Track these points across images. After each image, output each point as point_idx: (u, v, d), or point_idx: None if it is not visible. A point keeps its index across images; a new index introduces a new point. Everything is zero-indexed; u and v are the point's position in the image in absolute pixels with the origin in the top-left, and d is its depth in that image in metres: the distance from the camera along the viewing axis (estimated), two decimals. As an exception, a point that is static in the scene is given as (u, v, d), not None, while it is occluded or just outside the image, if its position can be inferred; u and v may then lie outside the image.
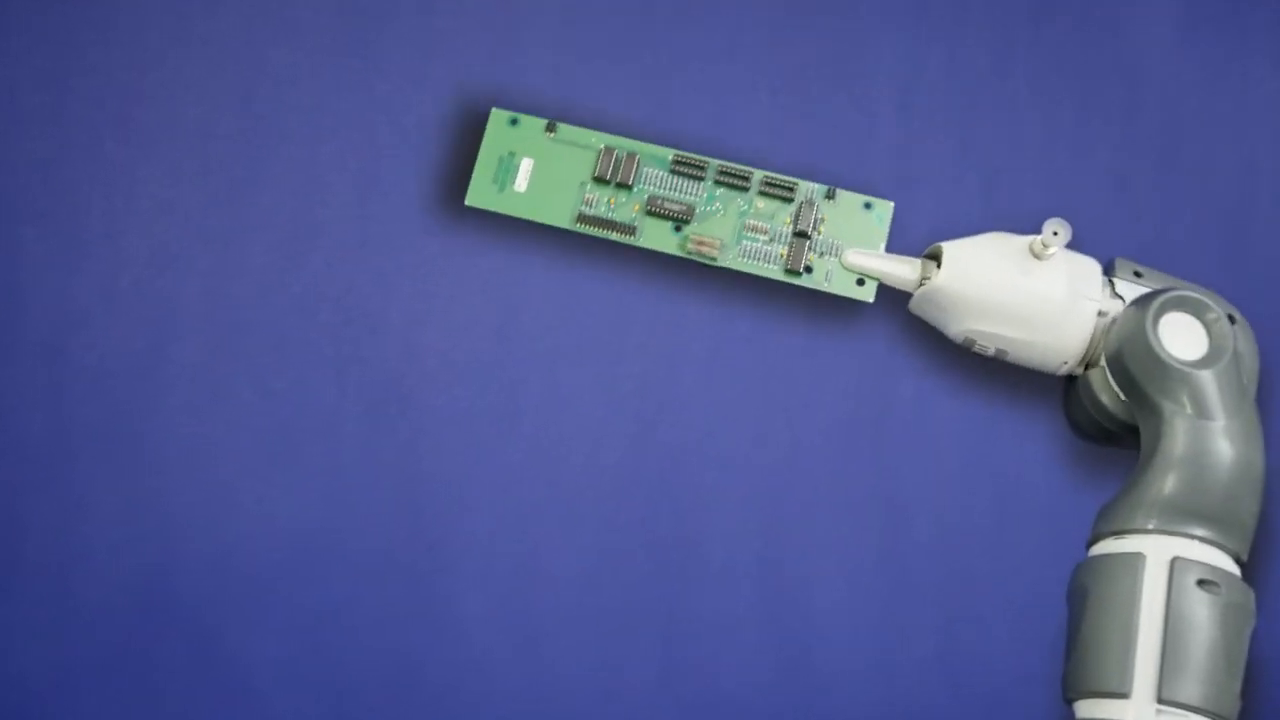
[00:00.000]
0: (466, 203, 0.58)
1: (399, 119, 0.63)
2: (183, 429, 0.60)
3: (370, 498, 0.60)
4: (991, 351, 0.57)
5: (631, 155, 0.59)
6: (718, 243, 0.58)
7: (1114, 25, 0.66)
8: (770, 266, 0.58)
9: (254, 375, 0.61)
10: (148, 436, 0.60)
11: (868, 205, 0.59)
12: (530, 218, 0.58)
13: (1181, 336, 0.55)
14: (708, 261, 0.58)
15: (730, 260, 0.58)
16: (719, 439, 0.60)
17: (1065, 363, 0.57)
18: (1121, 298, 0.57)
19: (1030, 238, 0.57)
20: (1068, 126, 0.65)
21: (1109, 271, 0.58)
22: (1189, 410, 0.54)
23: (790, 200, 0.59)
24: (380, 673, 0.59)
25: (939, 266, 0.57)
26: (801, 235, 0.58)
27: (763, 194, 0.59)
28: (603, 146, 0.59)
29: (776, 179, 0.59)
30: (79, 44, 0.63)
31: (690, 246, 0.58)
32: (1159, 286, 0.57)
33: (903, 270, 0.58)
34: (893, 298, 0.59)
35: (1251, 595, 0.53)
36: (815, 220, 0.58)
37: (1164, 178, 0.64)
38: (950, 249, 0.57)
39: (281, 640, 0.59)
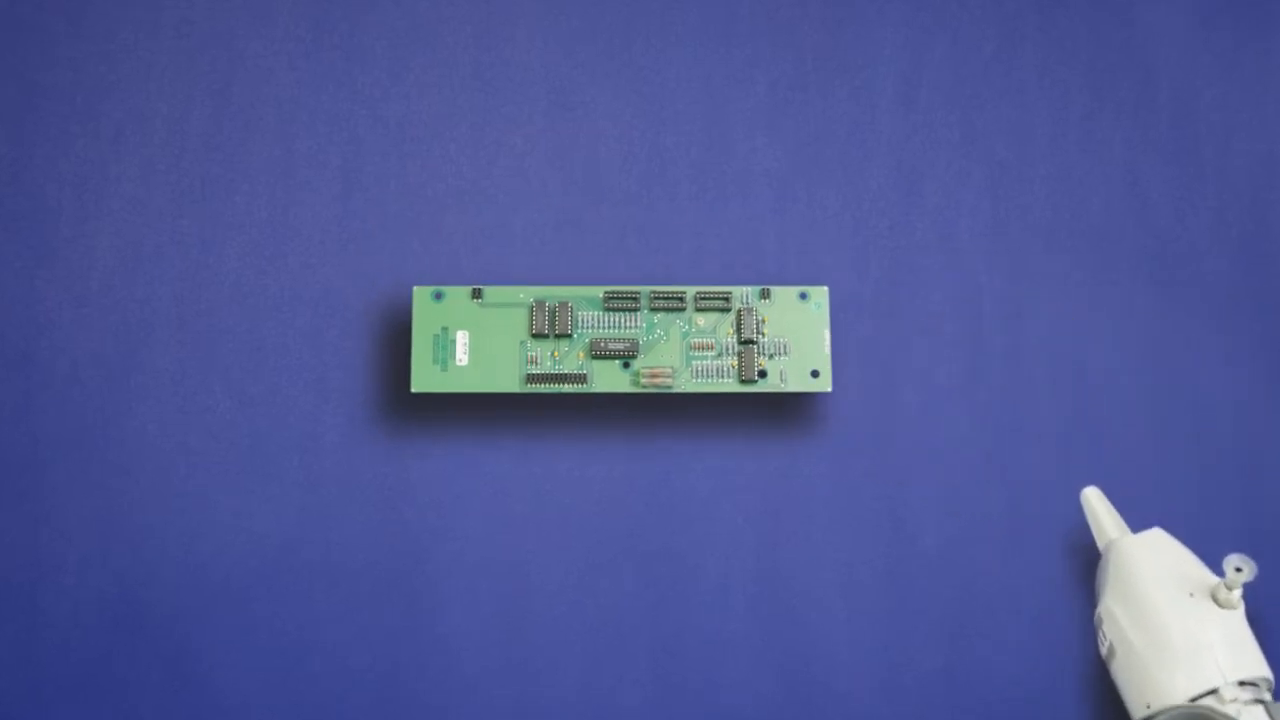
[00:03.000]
0: (413, 389, 0.59)
1: (378, 111, 0.63)
2: (156, 438, 0.60)
3: (352, 509, 0.59)
4: (1105, 648, 0.56)
5: (564, 303, 0.59)
6: (670, 370, 0.59)
7: (1126, 12, 0.65)
8: (725, 381, 0.59)
9: (230, 381, 0.60)
10: (119, 445, 0.60)
11: (803, 295, 0.60)
12: (479, 390, 0.59)
13: None
14: (664, 391, 0.59)
15: (684, 384, 0.59)
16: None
17: (1149, 705, 0.55)
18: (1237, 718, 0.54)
19: (1222, 580, 0.55)
20: (1077, 119, 0.64)
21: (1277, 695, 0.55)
22: None
23: (728, 310, 0.60)
24: (363, 692, 0.58)
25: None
26: (748, 343, 0.59)
27: (700, 310, 0.60)
28: (532, 301, 0.59)
29: (710, 291, 0.60)
30: (47, 36, 0.63)
31: (644, 381, 0.59)
32: None
33: (1112, 525, 0.58)
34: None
35: None
36: (757, 324, 0.59)
37: (1178, 173, 0.64)
38: (1158, 532, 0.57)
39: (260, 658, 0.58)
